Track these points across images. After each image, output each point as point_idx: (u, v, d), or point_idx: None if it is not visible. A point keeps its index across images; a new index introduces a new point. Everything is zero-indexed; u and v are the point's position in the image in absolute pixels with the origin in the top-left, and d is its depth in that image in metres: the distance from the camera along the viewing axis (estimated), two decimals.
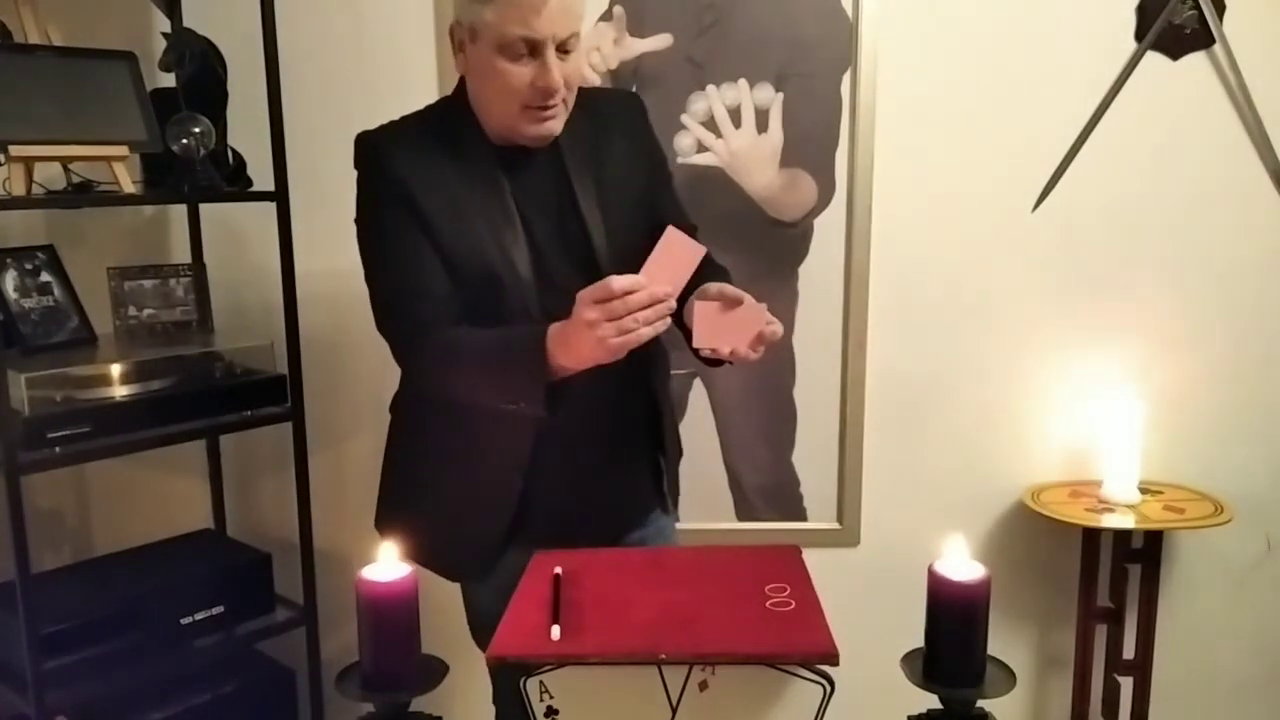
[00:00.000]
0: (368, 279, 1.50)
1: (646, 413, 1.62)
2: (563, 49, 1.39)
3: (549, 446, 1.48)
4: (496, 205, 1.45)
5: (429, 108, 1.58)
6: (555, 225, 1.48)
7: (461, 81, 1.51)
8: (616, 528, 1.62)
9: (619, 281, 1.23)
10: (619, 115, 1.60)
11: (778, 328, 1.34)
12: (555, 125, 1.44)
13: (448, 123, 1.50)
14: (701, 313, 1.32)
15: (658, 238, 1.56)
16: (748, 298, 1.32)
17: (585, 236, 1.48)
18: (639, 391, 1.59)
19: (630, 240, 1.51)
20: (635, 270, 1.38)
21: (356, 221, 1.51)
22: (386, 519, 1.65)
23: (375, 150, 1.48)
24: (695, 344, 1.32)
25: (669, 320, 1.26)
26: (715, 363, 1.44)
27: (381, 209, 1.46)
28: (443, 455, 1.56)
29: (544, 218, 1.48)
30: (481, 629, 1.58)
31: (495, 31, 1.36)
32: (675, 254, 1.26)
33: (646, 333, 1.24)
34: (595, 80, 2.13)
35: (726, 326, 1.31)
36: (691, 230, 1.65)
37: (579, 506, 1.53)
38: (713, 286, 1.34)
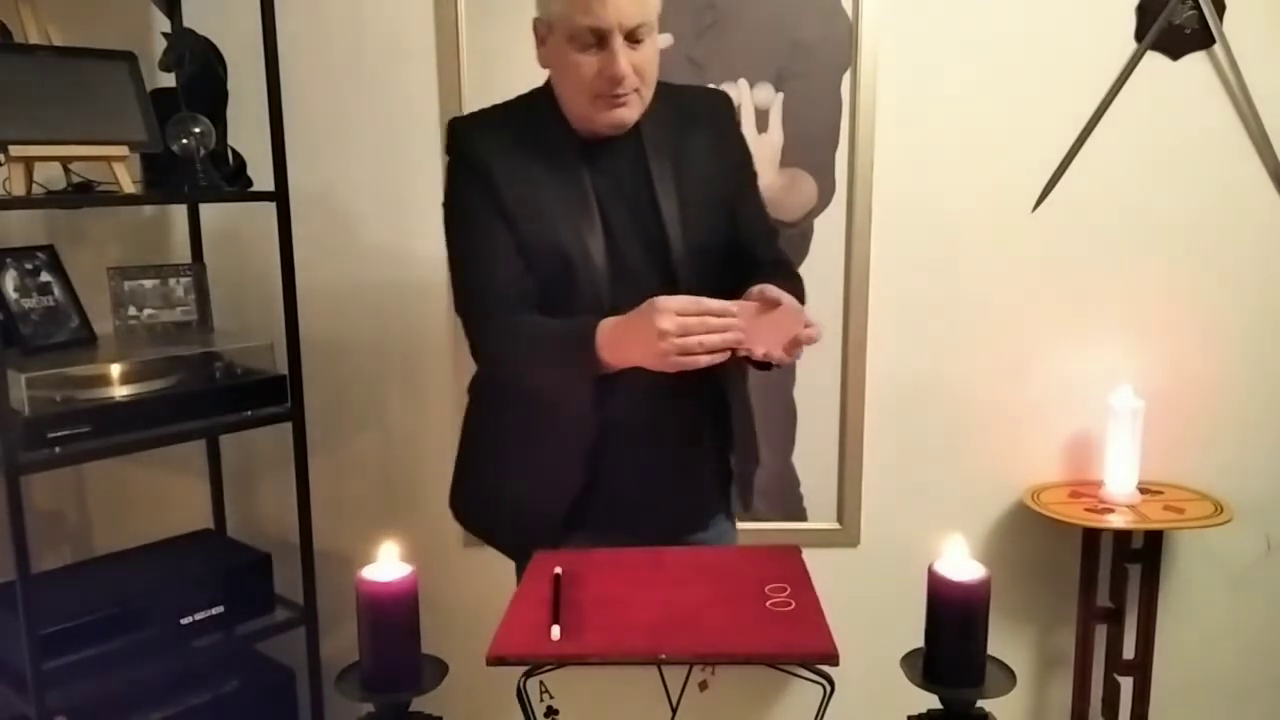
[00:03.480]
0: (449, 262, 1.54)
1: (715, 411, 1.62)
2: (633, 38, 1.40)
3: (613, 437, 1.49)
4: (575, 193, 1.46)
5: (520, 97, 1.60)
6: (632, 216, 1.49)
7: None
8: (679, 527, 1.62)
9: (712, 303, 1.26)
10: (705, 112, 1.61)
11: (815, 331, 1.34)
12: (628, 114, 1.45)
13: (535, 111, 1.52)
14: (739, 313, 1.31)
15: (736, 241, 1.56)
16: (787, 300, 1.32)
17: (661, 228, 1.49)
18: (707, 389, 1.58)
19: (706, 235, 1.52)
20: (708, 268, 1.45)
21: (444, 205, 1.54)
22: (460, 497, 1.69)
23: (461, 136, 1.52)
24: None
25: (725, 354, 1.28)
26: (761, 366, 1.43)
27: (463, 193, 1.50)
28: (512, 437, 1.58)
29: (621, 208, 1.48)
30: None
31: (565, 23, 1.40)
32: (779, 319, 1.30)
33: (703, 360, 1.27)
34: None
35: (763, 328, 1.31)
36: (770, 234, 1.66)
37: (641, 500, 1.54)
38: (755, 288, 1.34)
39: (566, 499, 1.53)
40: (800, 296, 1.38)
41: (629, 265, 1.47)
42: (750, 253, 1.58)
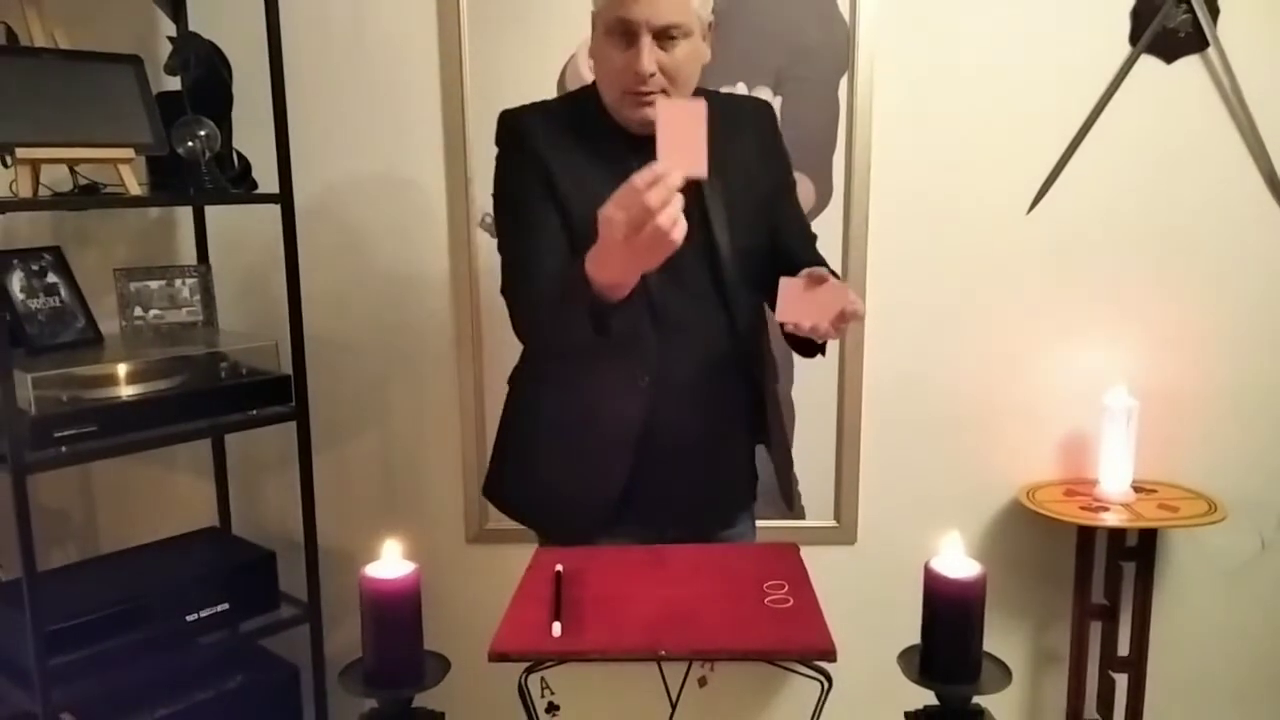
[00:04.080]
0: (500, 249, 1.55)
1: (752, 409, 1.66)
2: (665, 37, 1.42)
3: (657, 431, 1.52)
4: None
5: (571, 93, 1.63)
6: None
7: None
8: (712, 523, 1.66)
9: (640, 178, 1.18)
10: (749, 118, 1.64)
11: (860, 307, 1.37)
12: (654, 113, 1.45)
13: (584, 105, 1.54)
14: (786, 288, 1.36)
15: (778, 245, 1.58)
16: (832, 278, 1.36)
17: (708, 229, 1.51)
18: (745, 386, 1.63)
19: (751, 237, 1.55)
20: (752, 270, 1.46)
21: (495, 195, 1.56)
22: (500, 485, 1.71)
23: (518, 126, 1.53)
24: (779, 318, 1.36)
25: (680, 201, 1.20)
26: (809, 351, 1.48)
27: (520, 179, 1.51)
28: (556, 429, 1.59)
29: None
30: None
31: (603, 16, 1.44)
32: (678, 123, 1.21)
33: (675, 233, 1.20)
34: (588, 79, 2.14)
35: (809, 303, 1.35)
36: (810, 239, 1.68)
37: (679, 498, 1.57)
38: (804, 270, 1.37)
39: (616, 489, 1.55)
40: None
41: (675, 262, 1.44)
42: (790, 257, 1.60)
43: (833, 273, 1.56)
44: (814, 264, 1.59)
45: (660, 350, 1.50)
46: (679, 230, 1.21)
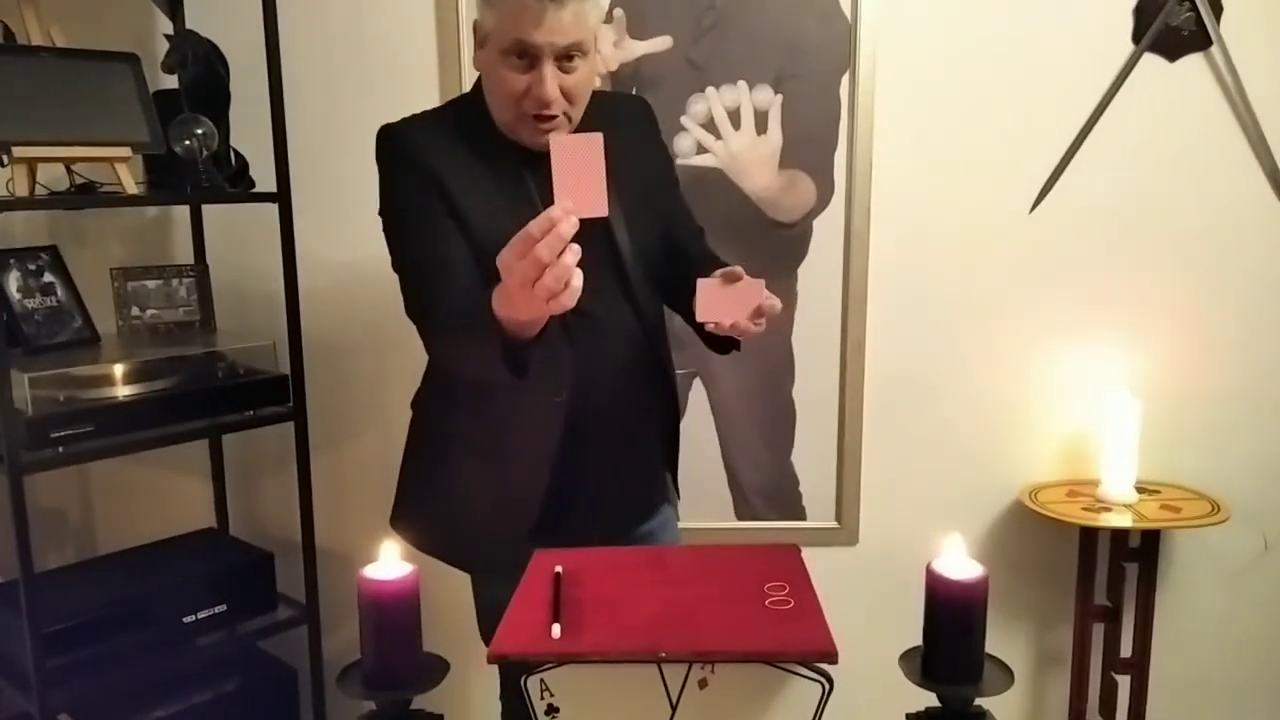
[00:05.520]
0: (396, 266, 1.50)
1: (665, 404, 1.65)
2: (565, 58, 1.39)
3: (576, 440, 1.50)
4: (523, 201, 1.45)
5: (449, 104, 1.59)
6: (580, 222, 1.49)
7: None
8: (632, 519, 1.65)
9: (536, 225, 1.14)
10: (630, 118, 1.62)
11: (776, 302, 1.39)
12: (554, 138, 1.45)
13: (471, 118, 1.50)
14: (703, 288, 1.37)
15: (669, 241, 1.57)
16: (746, 275, 1.37)
17: (609, 233, 1.49)
18: (661, 383, 1.62)
19: (648, 236, 1.55)
20: (654, 267, 1.45)
21: (382, 213, 1.51)
22: (406, 514, 1.67)
23: (404, 141, 1.48)
24: (698, 318, 1.38)
25: (575, 252, 1.15)
26: (724, 348, 1.48)
27: (411, 194, 1.46)
28: (469, 450, 1.57)
29: None
30: (493, 624, 1.60)
31: (497, 35, 1.39)
32: (574, 160, 1.16)
33: (551, 282, 1.14)
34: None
35: (727, 300, 1.37)
36: (698, 233, 1.67)
37: (602, 499, 1.55)
38: (718, 271, 1.38)
39: (537, 506, 1.51)
40: None
41: (582, 266, 1.46)
42: (683, 251, 1.61)
43: (724, 265, 1.57)
44: (706, 258, 1.61)
45: (575, 361, 1.48)
46: (570, 294, 1.15)
